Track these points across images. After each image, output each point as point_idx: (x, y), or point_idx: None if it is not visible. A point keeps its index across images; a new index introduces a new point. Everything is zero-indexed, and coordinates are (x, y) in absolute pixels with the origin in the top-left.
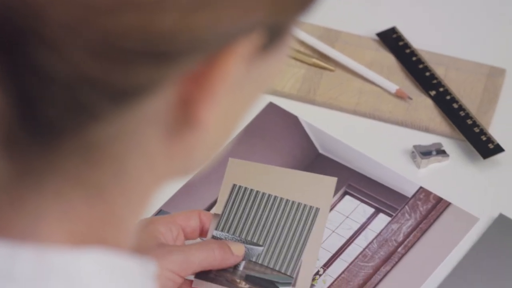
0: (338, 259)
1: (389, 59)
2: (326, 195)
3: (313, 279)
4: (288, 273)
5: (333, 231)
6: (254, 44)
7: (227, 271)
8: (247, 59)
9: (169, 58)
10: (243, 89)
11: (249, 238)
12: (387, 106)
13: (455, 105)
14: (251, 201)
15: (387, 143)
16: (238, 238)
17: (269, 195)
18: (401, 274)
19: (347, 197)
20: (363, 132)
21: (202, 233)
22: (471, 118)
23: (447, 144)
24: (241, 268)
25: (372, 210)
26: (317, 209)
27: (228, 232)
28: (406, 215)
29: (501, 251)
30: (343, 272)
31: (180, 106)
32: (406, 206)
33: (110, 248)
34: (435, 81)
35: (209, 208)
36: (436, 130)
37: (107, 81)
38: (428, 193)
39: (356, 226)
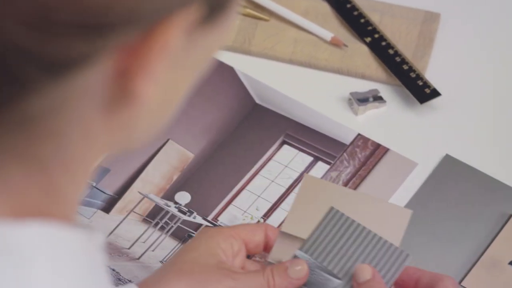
0: (278, 208)
1: (323, 7)
2: (398, 227)
3: None
4: None
5: (272, 181)
6: (193, 17)
7: None
8: (187, 32)
9: (104, 31)
10: (184, 62)
11: (330, 268)
12: (322, 54)
13: (391, 51)
14: (343, 229)
15: (324, 91)
16: (320, 265)
17: (363, 228)
18: None
19: (285, 146)
20: (300, 81)
21: (266, 248)
22: (407, 63)
23: (383, 90)
24: None
25: (310, 158)
26: (407, 256)
27: (311, 255)
28: (345, 162)
29: (446, 192)
30: (283, 221)
31: (117, 79)
32: (345, 154)
33: (53, 220)
34: (370, 28)
35: (145, 165)
36: (372, 77)
37: (40, 53)
38: (366, 139)
39: (295, 175)
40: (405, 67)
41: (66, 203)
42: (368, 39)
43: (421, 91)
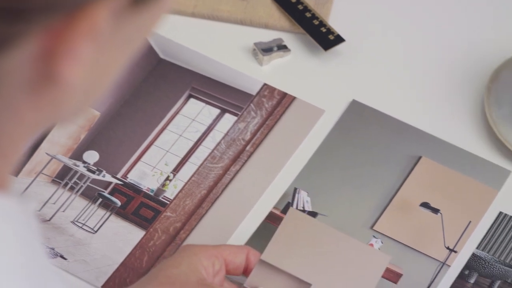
0: (187, 162)
1: None
2: (375, 271)
3: (164, 185)
4: None
5: (180, 135)
6: (120, 1)
7: None
8: (115, 15)
9: (24, 14)
10: (114, 43)
11: None
12: (225, 6)
13: None
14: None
15: (228, 43)
16: None
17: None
18: (252, 171)
19: (192, 100)
20: (203, 34)
21: (246, 272)
22: (309, 11)
23: (288, 39)
24: None
25: (218, 111)
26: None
27: None
28: (252, 113)
29: (355, 137)
30: (193, 175)
31: (41, 61)
32: (251, 104)
33: None
34: None
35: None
36: (276, 26)
37: None
38: (272, 89)
39: (203, 129)
40: (308, 14)
41: None
42: None
43: (325, 38)
